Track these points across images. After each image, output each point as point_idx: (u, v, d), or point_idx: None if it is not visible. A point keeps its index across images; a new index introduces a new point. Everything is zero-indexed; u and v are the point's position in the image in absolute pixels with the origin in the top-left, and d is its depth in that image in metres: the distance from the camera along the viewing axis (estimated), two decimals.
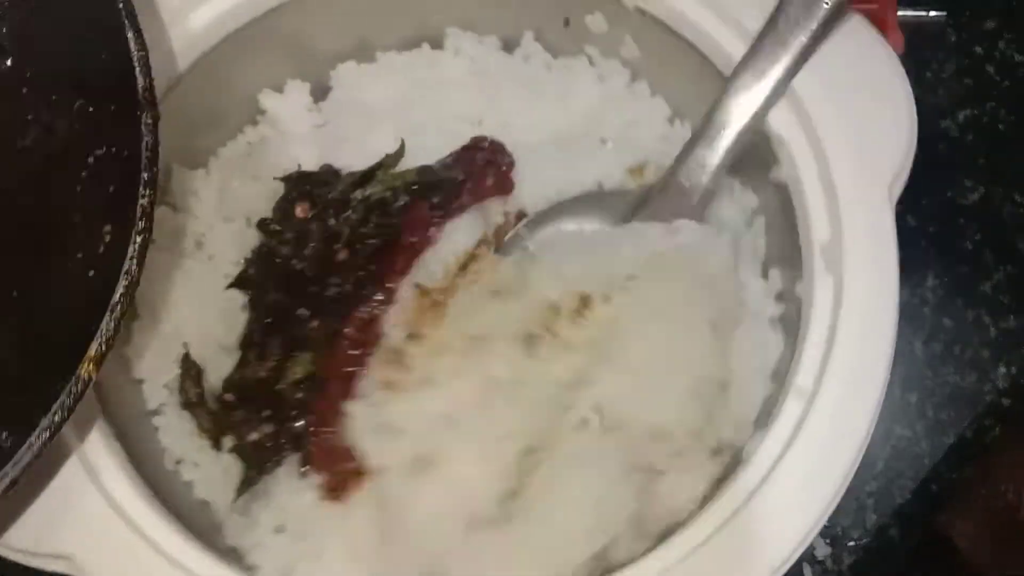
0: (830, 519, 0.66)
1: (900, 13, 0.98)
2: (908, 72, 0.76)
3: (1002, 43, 1.10)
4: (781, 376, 0.74)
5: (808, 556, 0.89)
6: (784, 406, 0.68)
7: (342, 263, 0.79)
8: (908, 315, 0.99)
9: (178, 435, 0.80)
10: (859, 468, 0.67)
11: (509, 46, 0.92)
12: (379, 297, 0.78)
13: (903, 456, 0.94)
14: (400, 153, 0.84)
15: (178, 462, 0.80)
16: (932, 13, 1.02)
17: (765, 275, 0.82)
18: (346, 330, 0.77)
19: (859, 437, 0.66)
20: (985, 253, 1.02)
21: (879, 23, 0.95)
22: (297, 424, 0.76)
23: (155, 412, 0.81)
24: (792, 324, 0.75)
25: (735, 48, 0.77)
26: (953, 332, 0.99)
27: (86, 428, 0.69)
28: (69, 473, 0.67)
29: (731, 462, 0.73)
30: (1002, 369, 0.97)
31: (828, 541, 0.91)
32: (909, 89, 0.74)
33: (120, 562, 0.66)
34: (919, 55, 1.06)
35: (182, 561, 0.66)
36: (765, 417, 0.72)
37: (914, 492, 0.93)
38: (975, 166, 1.05)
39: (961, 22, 1.10)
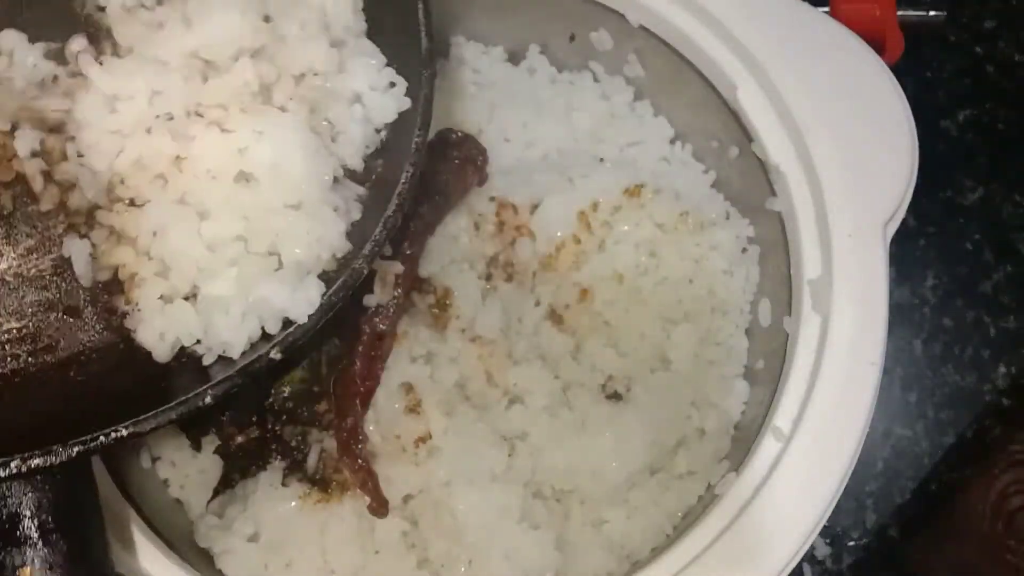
0: (830, 519, 0.66)
1: (900, 13, 0.97)
2: (908, 72, 0.76)
3: (1002, 43, 1.10)
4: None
5: (808, 556, 0.89)
6: (761, 446, 0.69)
7: None
8: (908, 315, 0.99)
9: (157, 433, 0.80)
10: (859, 468, 0.67)
11: (515, 58, 0.92)
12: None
13: (903, 456, 0.94)
14: None
15: (155, 460, 0.80)
16: (932, 13, 1.02)
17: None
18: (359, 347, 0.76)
19: (832, 485, 0.66)
20: (985, 253, 1.02)
21: (879, 23, 0.96)
22: (288, 431, 0.76)
23: None
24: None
25: (737, 73, 0.77)
26: (953, 332, 0.99)
27: None
28: None
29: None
30: (1002, 369, 0.97)
31: (828, 541, 0.92)
32: (914, 131, 0.74)
33: None
34: (919, 55, 1.06)
35: (142, 564, 0.66)
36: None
37: (914, 492, 0.93)
38: (975, 166, 1.05)
39: (961, 22, 1.10)
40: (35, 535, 0.58)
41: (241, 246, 0.63)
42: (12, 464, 0.56)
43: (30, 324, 0.65)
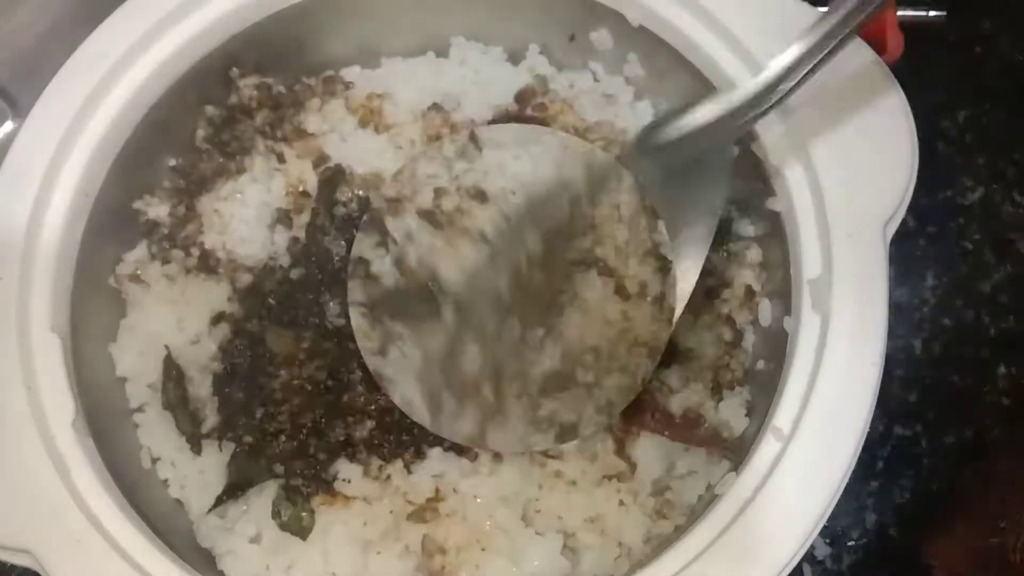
0: (830, 519, 0.66)
1: (900, 13, 0.97)
2: (908, 72, 0.76)
3: (1002, 43, 1.10)
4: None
5: (808, 556, 0.90)
6: (761, 446, 0.68)
7: None
8: (908, 315, 0.99)
9: (157, 434, 0.81)
10: (859, 468, 0.67)
11: (514, 58, 0.92)
12: None
13: (903, 456, 0.94)
14: None
15: (155, 460, 0.80)
16: (932, 13, 1.02)
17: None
18: None
19: (832, 485, 0.66)
20: (985, 253, 1.02)
21: (879, 23, 0.95)
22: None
23: (136, 410, 0.82)
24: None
25: (736, 71, 0.77)
26: (953, 332, 0.99)
27: (59, 423, 0.70)
28: (37, 467, 0.68)
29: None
30: (1002, 369, 0.97)
31: (828, 541, 0.92)
32: (914, 131, 0.74)
33: (80, 561, 0.66)
34: (919, 55, 1.06)
35: (143, 564, 0.66)
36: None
37: (914, 492, 0.93)
38: (975, 166, 1.05)
39: (961, 22, 1.10)
40: None
41: None
42: None
43: None
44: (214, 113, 0.86)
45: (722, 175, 0.74)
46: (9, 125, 0.93)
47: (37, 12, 0.93)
